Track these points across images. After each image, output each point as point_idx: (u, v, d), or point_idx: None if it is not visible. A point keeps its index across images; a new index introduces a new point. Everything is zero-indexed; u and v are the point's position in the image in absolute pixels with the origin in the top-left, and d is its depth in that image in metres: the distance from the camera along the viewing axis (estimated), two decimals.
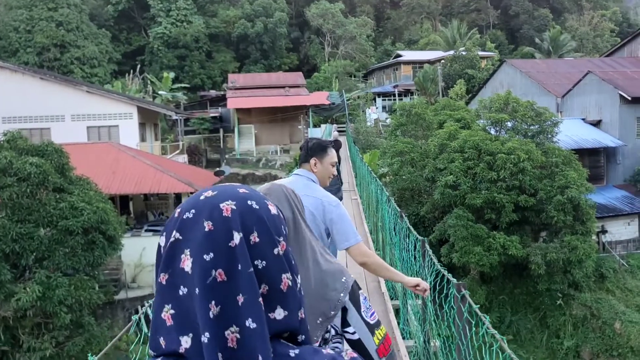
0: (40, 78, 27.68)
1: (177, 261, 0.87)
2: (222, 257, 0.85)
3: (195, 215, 0.88)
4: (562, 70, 31.16)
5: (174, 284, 0.87)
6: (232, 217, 0.88)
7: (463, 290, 2.59)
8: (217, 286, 0.83)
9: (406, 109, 21.24)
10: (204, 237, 0.86)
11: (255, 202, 0.91)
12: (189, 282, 0.85)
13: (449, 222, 16.96)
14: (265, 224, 0.90)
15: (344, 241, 2.83)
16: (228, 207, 0.89)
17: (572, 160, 17.94)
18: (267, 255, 0.89)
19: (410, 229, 4.89)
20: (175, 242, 0.88)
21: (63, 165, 15.47)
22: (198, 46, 52.93)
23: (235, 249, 0.86)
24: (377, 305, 5.55)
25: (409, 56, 53.64)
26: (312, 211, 2.80)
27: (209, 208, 0.89)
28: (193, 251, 0.86)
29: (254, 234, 0.88)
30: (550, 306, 18.55)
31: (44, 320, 14.15)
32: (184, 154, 33.63)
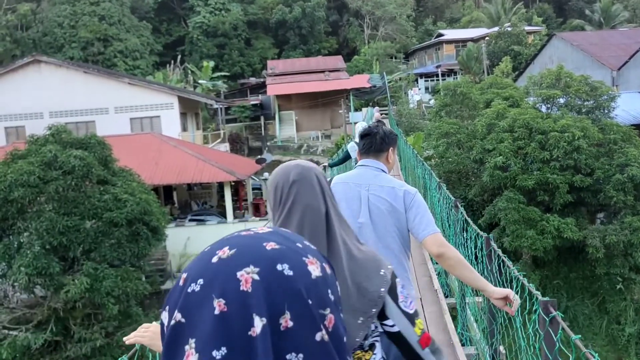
0: (84, 72, 28.09)
1: (180, 354, 0.62)
2: (239, 354, 0.58)
3: (204, 289, 0.62)
4: (616, 41, 29.48)
5: None
6: (253, 292, 0.61)
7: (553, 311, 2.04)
8: None
9: (450, 88, 20.48)
10: (214, 325, 0.60)
11: (288, 266, 0.62)
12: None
13: (499, 205, 16.24)
14: (303, 298, 0.62)
15: (423, 230, 2.58)
16: (248, 277, 0.61)
17: (632, 137, 16.86)
18: (306, 345, 0.61)
19: (468, 222, 4.22)
20: (177, 327, 0.63)
21: (106, 157, 15.57)
22: (237, 34, 52.86)
23: (256, 341, 0.59)
24: (430, 304, 4.97)
25: (451, 35, 52.15)
26: (391, 202, 2.60)
27: (221, 279, 0.62)
28: (200, 344, 0.60)
29: (286, 316, 0.61)
30: (610, 291, 17.63)
31: (93, 311, 14.33)
32: (225, 143, 33.68)
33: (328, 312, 0.64)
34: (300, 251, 0.65)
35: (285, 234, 0.67)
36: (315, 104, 38.81)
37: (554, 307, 1.99)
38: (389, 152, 2.80)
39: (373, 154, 2.76)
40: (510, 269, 2.68)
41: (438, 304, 5.14)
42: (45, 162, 14.11)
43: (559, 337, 1.98)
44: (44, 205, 14.21)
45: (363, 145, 2.81)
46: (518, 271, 2.53)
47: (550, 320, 1.97)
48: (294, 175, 1.50)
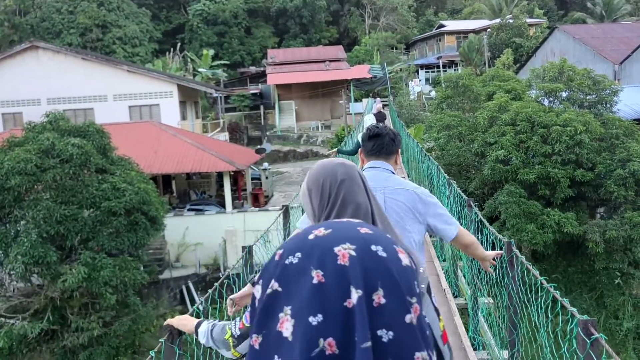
0: (82, 58, 27.84)
1: (274, 321, 0.64)
2: (334, 322, 0.60)
3: (302, 261, 0.66)
4: (619, 35, 29.29)
5: (268, 351, 0.63)
6: (351, 266, 0.63)
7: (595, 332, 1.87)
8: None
9: (452, 80, 20.33)
10: (312, 292, 0.63)
11: (382, 248, 0.66)
12: (287, 351, 0.61)
13: (499, 198, 16.16)
14: (395, 278, 0.64)
15: (451, 229, 2.65)
16: (345, 252, 0.64)
17: (634, 132, 16.75)
18: (396, 324, 0.62)
19: (484, 223, 3.93)
20: (273, 295, 0.66)
21: (104, 145, 15.42)
22: (237, 22, 52.46)
23: (353, 312, 0.60)
24: (438, 305, 4.76)
25: (452, 26, 51.85)
26: (408, 205, 2.59)
27: (319, 252, 0.65)
28: (296, 310, 0.63)
29: (379, 293, 0.63)
30: (608, 285, 17.60)
31: (91, 300, 14.25)
32: (224, 132, 33.51)
33: (415, 301, 0.66)
34: (390, 240, 0.69)
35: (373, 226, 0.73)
36: (315, 94, 38.60)
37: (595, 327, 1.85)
38: (398, 153, 2.78)
39: (384, 156, 2.72)
40: (538, 279, 2.56)
41: (447, 304, 4.92)
42: (42, 150, 13.96)
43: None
44: (41, 193, 14.08)
45: (372, 147, 2.74)
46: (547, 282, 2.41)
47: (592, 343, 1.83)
48: (342, 174, 1.45)
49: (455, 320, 4.47)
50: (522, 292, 2.81)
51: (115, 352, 14.79)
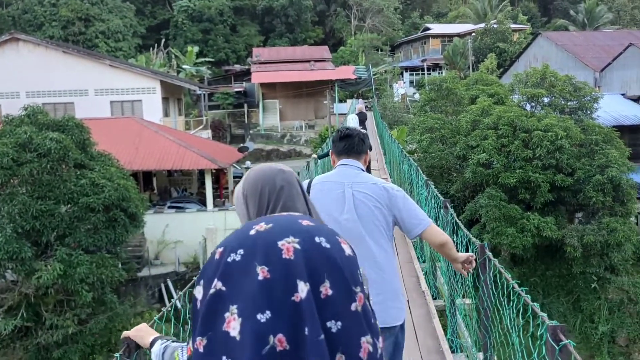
0: (63, 52, 27.42)
1: (220, 322, 0.62)
2: (283, 318, 0.59)
3: (245, 258, 0.63)
4: (600, 43, 29.71)
5: (215, 353, 0.61)
6: (296, 260, 0.62)
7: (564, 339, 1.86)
8: (277, 358, 0.58)
9: (436, 83, 20.41)
10: (258, 289, 0.61)
11: (325, 239, 0.65)
12: (237, 351, 0.59)
13: (480, 201, 16.26)
14: (340, 269, 0.64)
15: (418, 225, 2.65)
16: (290, 246, 0.63)
17: (613, 138, 16.97)
18: (344, 313, 0.62)
19: (459, 225, 3.98)
20: (217, 295, 0.63)
21: (84, 140, 15.19)
22: (222, 20, 52.15)
23: (301, 306, 0.59)
24: (417, 307, 4.75)
25: (437, 29, 52.14)
26: (376, 198, 2.64)
27: (263, 247, 0.64)
28: (242, 309, 0.61)
29: (326, 284, 0.63)
30: (585, 289, 17.82)
31: (66, 297, 14.02)
32: (207, 130, 33.27)
33: (359, 290, 0.65)
34: (332, 231, 0.68)
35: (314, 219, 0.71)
36: (299, 94, 38.52)
37: (564, 333, 1.84)
38: (367, 154, 2.87)
39: (354, 155, 2.81)
40: (510, 283, 2.54)
41: (426, 306, 4.92)
42: (19, 144, 13.70)
43: None
44: (17, 188, 13.82)
45: (343, 147, 2.83)
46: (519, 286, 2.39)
47: (560, 349, 1.83)
48: (281, 180, 1.40)
49: (434, 323, 4.47)
50: (494, 296, 2.78)
51: (90, 351, 14.58)
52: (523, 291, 2.22)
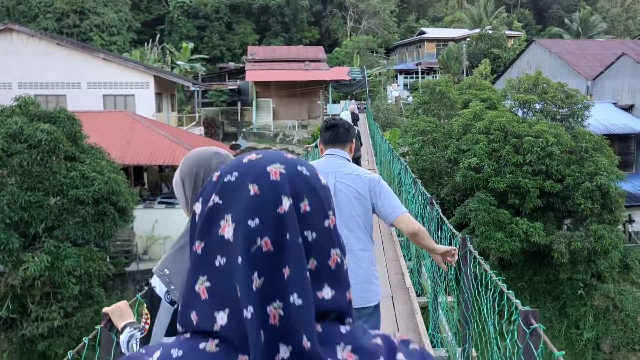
0: (57, 44, 27.26)
1: (216, 228, 0.75)
2: (269, 224, 0.72)
3: (239, 179, 0.76)
4: (593, 51, 29.93)
5: (211, 253, 0.76)
6: (281, 181, 0.76)
7: (534, 323, 1.93)
8: (262, 256, 0.72)
9: (430, 86, 20.49)
10: (249, 202, 0.74)
11: (305, 169, 0.80)
12: (230, 250, 0.74)
13: (470, 205, 16.35)
14: (317, 192, 0.79)
15: (392, 212, 2.80)
16: (276, 170, 0.76)
17: (603, 146, 17.13)
18: (318, 227, 0.77)
19: (444, 220, 4.11)
20: (214, 207, 0.76)
21: (75, 133, 15.12)
22: (218, 17, 52.06)
23: (284, 216, 0.73)
24: (401, 304, 4.81)
25: (433, 33, 52.32)
26: (357, 189, 2.82)
27: (254, 171, 0.77)
28: (236, 216, 0.74)
29: (305, 202, 0.76)
30: (571, 296, 17.96)
31: (53, 290, 13.95)
32: (200, 126, 33.19)
33: (331, 213, 0.80)
34: (311, 164, 0.82)
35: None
36: (293, 93, 38.53)
37: (536, 318, 1.90)
38: (352, 142, 3.00)
39: (339, 144, 2.96)
40: (488, 273, 2.59)
41: (410, 302, 4.96)
42: (10, 134, 13.62)
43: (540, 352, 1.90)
44: (7, 178, 13.74)
45: (329, 136, 2.98)
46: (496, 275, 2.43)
47: (531, 333, 1.89)
48: (216, 163, 1.44)
49: (417, 318, 4.52)
50: (474, 287, 2.84)
51: (75, 344, 14.42)
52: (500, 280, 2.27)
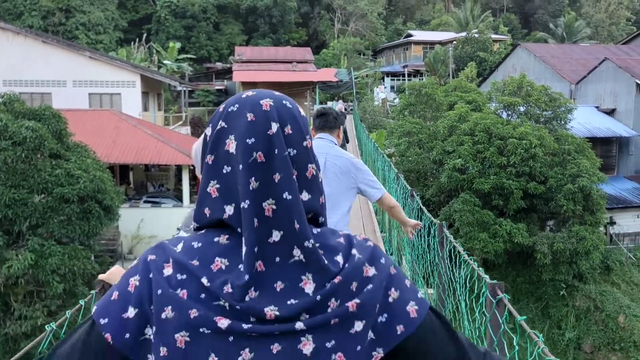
0: (43, 41, 27.06)
1: (222, 145, 0.99)
2: (262, 142, 0.96)
3: (239, 109, 1.00)
4: (577, 56, 30.36)
5: (219, 163, 0.99)
6: (271, 111, 0.99)
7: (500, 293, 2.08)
8: (257, 165, 0.95)
9: (416, 88, 20.66)
10: (247, 126, 0.97)
11: (289, 102, 1.04)
12: (233, 161, 0.97)
13: (455, 206, 16.52)
14: (297, 120, 1.02)
15: (375, 193, 3.37)
16: (267, 103, 1.00)
17: (585, 149, 17.40)
18: (298, 146, 1.00)
19: (423, 210, 4.32)
20: (221, 130, 1.00)
21: (60, 130, 15.04)
22: (206, 17, 51.96)
23: (273, 137, 0.97)
24: None
25: (420, 36, 52.67)
26: (344, 169, 3.28)
27: (251, 103, 1.00)
28: (237, 136, 0.97)
29: (288, 127, 1.00)
30: (553, 296, 18.20)
31: (37, 288, 13.85)
32: (186, 126, 33.11)
33: (308, 137, 1.02)
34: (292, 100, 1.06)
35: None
36: None
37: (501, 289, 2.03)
38: (340, 129, 3.50)
39: (328, 130, 3.44)
40: (462, 254, 2.71)
41: None
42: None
43: (504, 318, 2.02)
44: None
45: (319, 123, 3.46)
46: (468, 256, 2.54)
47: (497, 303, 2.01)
48: None
49: None
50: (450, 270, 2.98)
51: None
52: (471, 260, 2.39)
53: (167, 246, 0.98)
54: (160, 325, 0.91)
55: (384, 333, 0.94)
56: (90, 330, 0.95)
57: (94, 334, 0.94)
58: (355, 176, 3.28)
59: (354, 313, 0.92)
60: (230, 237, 0.97)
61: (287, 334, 0.90)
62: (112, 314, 0.94)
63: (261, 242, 0.93)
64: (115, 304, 0.95)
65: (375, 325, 0.94)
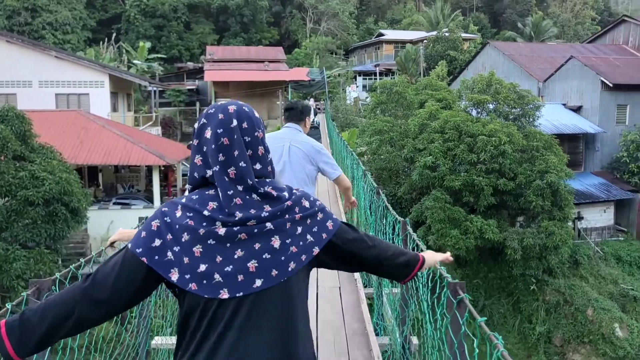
0: (7, 41, 26.36)
1: (204, 133, 1.57)
2: (227, 132, 1.54)
3: (215, 112, 1.58)
4: (545, 54, 30.86)
5: (201, 145, 1.57)
6: (233, 113, 1.57)
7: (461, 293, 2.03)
8: (223, 146, 1.53)
9: (387, 87, 20.72)
10: (218, 121, 1.55)
11: (247, 108, 1.62)
12: (209, 143, 1.54)
13: (426, 203, 16.61)
14: (252, 119, 1.60)
15: (334, 172, 3.85)
16: (232, 108, 1.59)
17: (552, 145, 17.67)
18: (251, 135, 1.58)
19: (388, 208, 4.31)
20: (203, 124, 1.58)
21: (25, 132, 14.65)
22: (176, 16, 51.35)
23: (234, 128, 1.55)
24: (348, 294, 4.90)
25: (391, 35, 52.92)
26: (305, 151, 3.77)
27: (222, 108, 1.59)
28: (212, 128, 1.55)
29: (244, 123, 1.58)
30: (524, 291, 18.45)
31: (1, 294, 13.47)
32: (157, 126, 32.64)
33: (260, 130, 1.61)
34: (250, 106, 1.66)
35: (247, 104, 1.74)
36: (252, 94, 38.34)
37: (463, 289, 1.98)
38: (306, 120, 3.98)
39: (295, 120, 3.92)
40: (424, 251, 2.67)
41: (356, 293, 5.07)
42: None
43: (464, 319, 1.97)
44: None
45: (287, 115, 3.93)
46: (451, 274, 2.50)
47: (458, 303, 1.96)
48: None
49: (362, 307, 4.64)
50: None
51: None
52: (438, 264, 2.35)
53: (175, 200, 1.54)
54: (181, 246, 1.45)
55: (316, 238, 1.57)
56: (125, 256, 1.47)
57: (128, 259, 1.46)
58: (316, 157, 3.77)
59: (298, 221, 1.55)
60: (215, 190, 1.52)
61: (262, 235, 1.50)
62: (144, 245, 1.46)
63: (231, 189, 1.50)
64: (145, 238, 1.47)
65: (311, 232, 1.56)
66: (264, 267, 1.47)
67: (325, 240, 1.58)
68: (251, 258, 1.47)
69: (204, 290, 1.44)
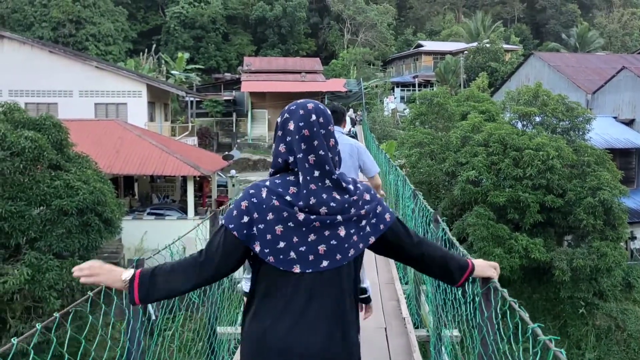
0: (49, 51, 26.82)
1: (287, 126, 1.81)
2: (307, 125, 1.79)
3: (296, 108, 1.83)
4: (593, 65, 29.65)
5: (285, 135, 1.82)
6: (312, 109, 1.82)
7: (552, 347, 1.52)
8: (305, 137, 1.78)
9: (427, 98, 20.07)
10: (299, 116, 1.81)
11: (322, 106, 1.87)
12: (292, 134, 1.79)
13: (468, 220, 15.84)
14: (326, 115, 1.84)
15: (372, 171, 4.19)
16: (311, 105, 1.83)
17: (605, 160, 16.68)
18: (325, 129, 1.82)
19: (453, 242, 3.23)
20: (286, 119, 1.83)
21: (61, 141, 14.56)
22: (215, 27, 51.84)
23: (314, 122, 1.80)
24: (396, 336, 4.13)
25: (430, 46, 52.18)
26: (349, 152, 4.06)
27: (302, 105, 1.84)
28: (294, 121, 1.80)
29: (321, 118, 1.82)
30: (572, 315, 17.41)
31: (34, 304, 13.32)
32: (193, 136, 32.69)
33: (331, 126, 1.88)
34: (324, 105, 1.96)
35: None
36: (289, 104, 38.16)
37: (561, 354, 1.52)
38: (345, 121, 4.45)
39: (337, 122, 4.14)
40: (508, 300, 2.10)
41: (406, 336, 4.31)
42: None
43: None
44: None
45: None
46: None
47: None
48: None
49: (414, 357, 3.90)
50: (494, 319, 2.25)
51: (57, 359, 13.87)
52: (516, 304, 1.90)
53: (260, 183, 1.82)
54: (266, 223, 1.75)
55: (374, 228, 1.84)
56: (224, 234, 1.79)
57: (226, 234, 1.79)
58: (358, 155, 4.13)
59: (363, 215, 1.81)
60: (295, 176, 1.80)
61: (332, 225, 1.76)
62: (235, 221, 1.78)
63: (310, 175, 1.77)
64: (236, 216, 1.78)
65: (370, 224, 1.83)
66: (331, 251, 1.75)
67: (382, 231, 1.84)
68: (321, 243, 1.75)
69: (280, 263, 1.75)
